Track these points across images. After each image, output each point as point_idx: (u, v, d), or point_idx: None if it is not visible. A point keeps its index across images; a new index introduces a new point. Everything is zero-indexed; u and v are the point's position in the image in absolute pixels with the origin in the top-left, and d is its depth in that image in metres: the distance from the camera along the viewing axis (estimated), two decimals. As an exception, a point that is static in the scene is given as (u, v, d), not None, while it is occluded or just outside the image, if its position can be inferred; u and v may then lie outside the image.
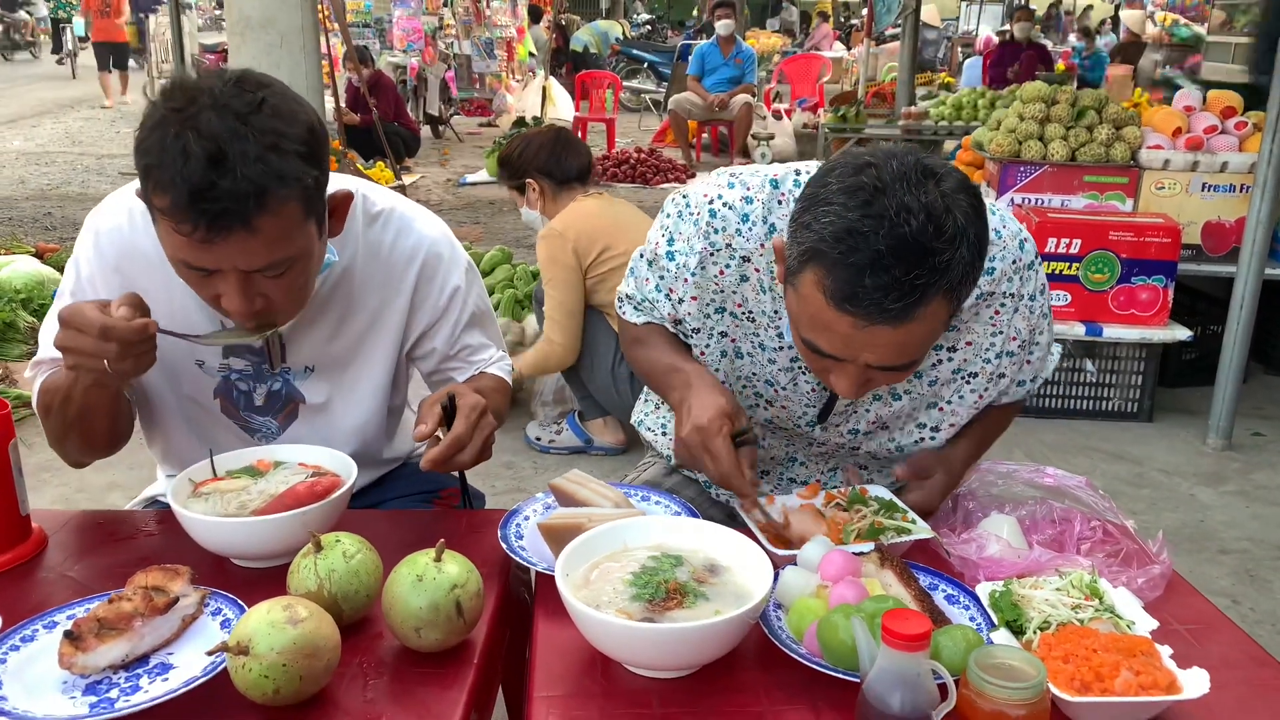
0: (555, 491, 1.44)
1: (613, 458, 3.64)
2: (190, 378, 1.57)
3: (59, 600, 1.25)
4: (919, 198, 1.14)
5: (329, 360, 1.58)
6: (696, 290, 1.50)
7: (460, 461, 1.40)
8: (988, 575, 1.30)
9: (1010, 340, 1.49)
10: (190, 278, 1.31)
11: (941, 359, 1.51)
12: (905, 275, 1.13)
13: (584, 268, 3.32)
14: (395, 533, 1.44)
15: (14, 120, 13.14)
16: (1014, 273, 1.44)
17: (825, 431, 1.60)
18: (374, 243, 1.56)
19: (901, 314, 1.16)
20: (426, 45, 10.85)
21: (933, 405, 1.56)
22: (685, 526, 1.30)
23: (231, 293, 1.28)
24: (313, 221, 1.31)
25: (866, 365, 1.25)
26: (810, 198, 1.22)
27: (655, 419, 1.87)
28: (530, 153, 3.46)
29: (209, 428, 1.61)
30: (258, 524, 1.31)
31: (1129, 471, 3.66)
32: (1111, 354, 4.04)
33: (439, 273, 1.60)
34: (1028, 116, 4.40)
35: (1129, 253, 3.88)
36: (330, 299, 1.54)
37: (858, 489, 1.48)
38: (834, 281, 1.17)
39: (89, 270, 1.51)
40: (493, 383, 1.68)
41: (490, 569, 1.34)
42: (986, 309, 1.46)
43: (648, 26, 22.58)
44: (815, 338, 1.25)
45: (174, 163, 1.17)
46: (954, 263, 1.15)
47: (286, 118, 1.24)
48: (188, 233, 1.20)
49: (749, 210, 1.45)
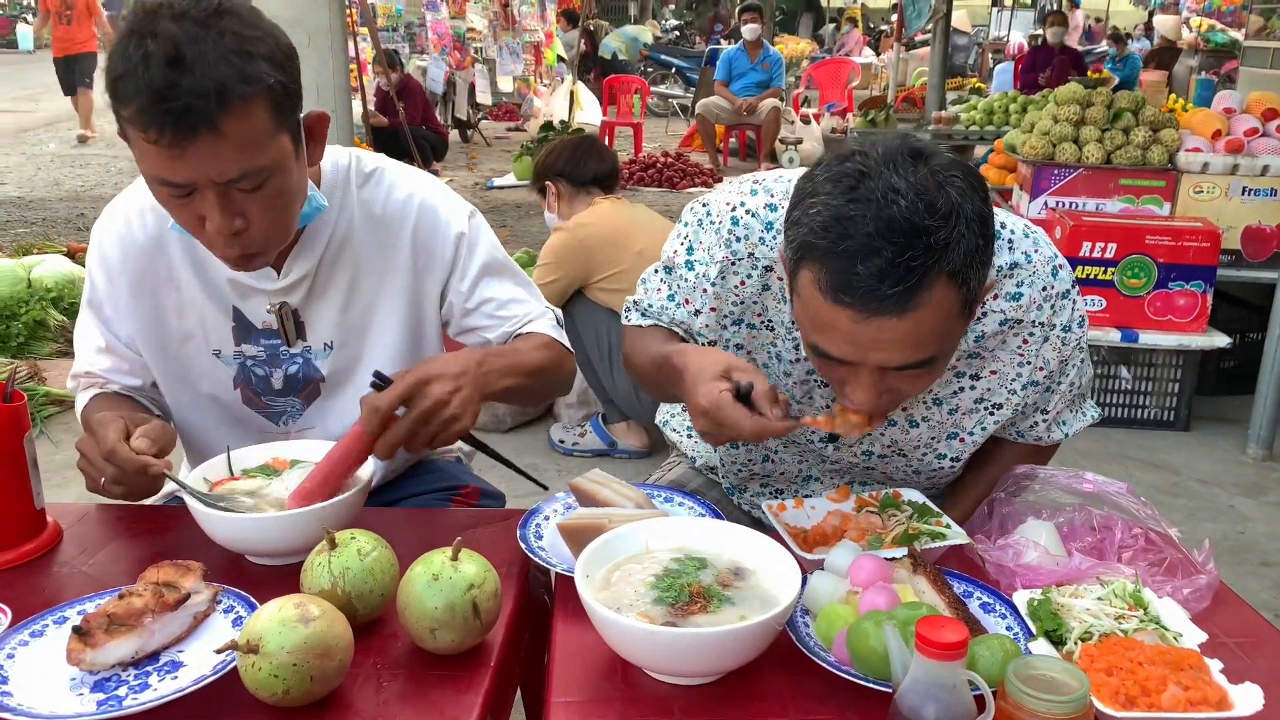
0: (576, 491, 1.41)
1: (636, 460, 3.61)
2: (209, 374, 1.56)
3: (71, 595, 1.23)
4: (906, 178, 1.09)
5: (346, 332, 1.56)
6: (715, 301, 1.44)
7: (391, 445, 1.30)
8: (1025, 583, 1.25)
9: (1038, 371, 1.42)
10: (170, 201, 1.29)
11: (964, 386, 1.44)
12: (899, 257, 1.07)
13: (592, 265, 3.31)
14: (412, 530, 1.41)
15: (52, 122, 13.34)
16: (1044, 300, 1.37)
17: (838, 450, 1.54)
18: (368, 202, 1.53)
19: (901, 300, 1.08)
20: (454, 49, 10.89)
21: (953, 436, 1.50)
22: (709, 528, 1.26)
23: (211, 210, 1.26)
24: (285, 134, 1.29)
25: (881, 370, 1.17)
26: (799, 193, 1.17)
27: (681, 420, 1.83)
28: (553, 157, 3.52)
29: (233, 422, 1.59)
30: (272, 520, 1.29)
31: (1166, 481, 3.57)
32: (1148, 361, 3.94)
33: (438, 224, 1.55)
34: (1062, 119, 4.32)
35: (1166, 257, 3.79)
36: (336, 267, 1.52)
37: (890, 493, 1.43)
38: (827, 274, 1.11)
39: (103, 283, 1.54)
40: (537, 340, 1.56)
41: (509, 569, 1.30)
42: (1014, 337, 1.39)
43: (675, 32, 22.58)
44: (820, 340, 1.18)
45: (136, 70, 1.17)
46: (953, 242, 1.08)
47: (249, 23, 1.24)
48: (155, 139, 1.19)
49: (773, 218, 1.39)
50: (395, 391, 1.30)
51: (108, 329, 1.56)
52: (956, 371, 1.43)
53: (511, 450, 3.66)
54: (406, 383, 1.30)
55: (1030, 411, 1.51)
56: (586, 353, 3.47)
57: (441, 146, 9.84)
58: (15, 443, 1.32)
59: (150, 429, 1.31)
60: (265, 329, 1.53)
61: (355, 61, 8.37)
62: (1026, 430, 1.54)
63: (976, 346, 1.40)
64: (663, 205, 7.98)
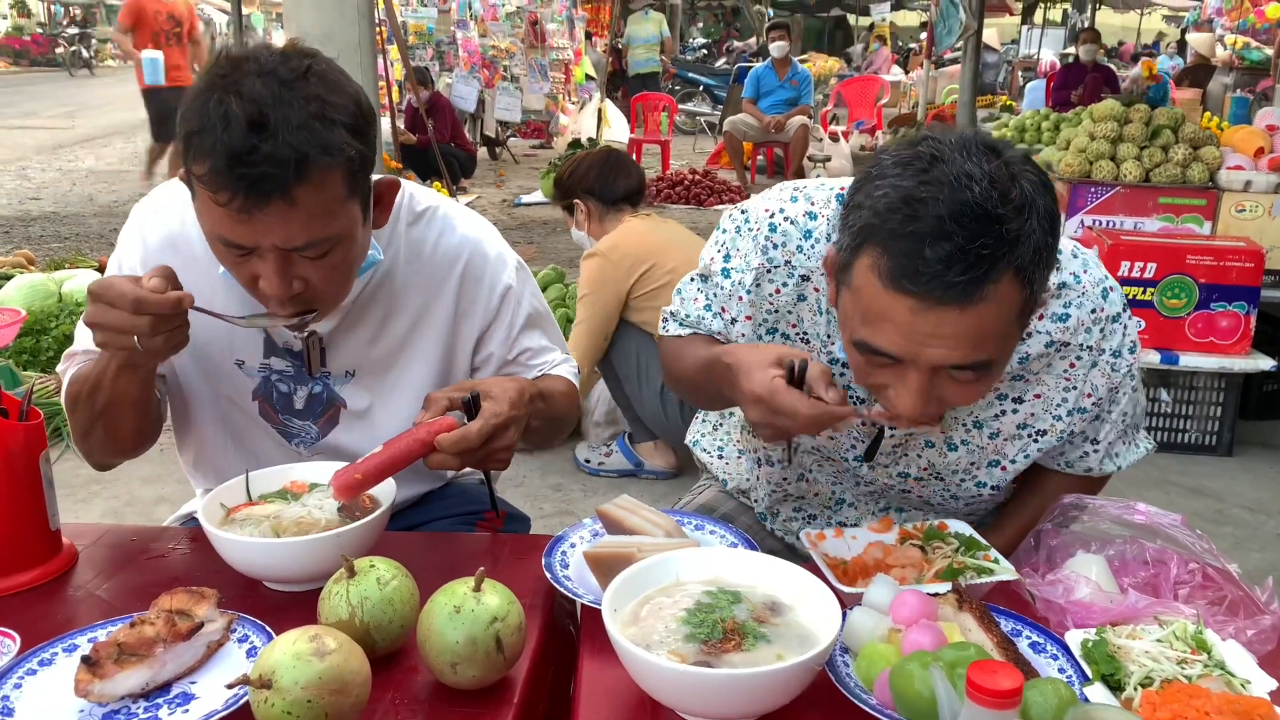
0: (603, 518, 1.36)
1: (664, 481, 3.55)
2: (229, 377, 1.52)
3: (83, 620, 1.20)
4: (980, 165, 1.05)
5: (370, 365, 1.52)
6: (751, 310, 1.41)
7: (451, 465, 1.31)
8: (1077, 621, 1.18)
9: (1085, 398, 1.36)
10: (227, 257, 1.26)
11: (1006, 409, 1.38)
12: (970, 244, 1.02)
13: (628, 287, 3.26)
14: (434, 557, 1.37)
15: (88, 139, 13.55)
16: (1093, 323, 1.32)
17: (873, 470, 1.48)
18: (417, 241, 1.50)
19: (967, 290, 1.03)
20: (484, 67, 10.95)
21: (994, 464, 1.44)
22: (744, 559, 1.20)
23: (269, 273, 1.23)
24: (356, 202, 1.26)
25: (933, 371, 1.11)
26: (862, 180, 1.13)
27: (712, 440, 1.78)
28: (580, 173, 3.42)
29: (245, 431, 1.56)
30: (290, 545, 1.24)
31: (1209, 508, 3.46)
32: (1188, 384, 3.84)
33: (486, 273, 1.53)
34: (1099, 136, 4.24)
35: (1208, 277, 3.70)
36: (372, 301, 1.48)
37: (935, 524, 1.37)
38: (891, 258, 1.06)
39: (131, 260, 1.48)
40: (560, 385, 1.59)
41: (533, 599, 1.25)
42: (1060, 360, 1.34)
43: (703, 51, 22.63)
44: (871, 335, 1.11)
45: (215, 127, 1.14)
46: (1024, 236, 1.04)
47: (333, 87, 1.20)
48: (225, 202, 1.15)
49: (812, 227, 1.36)
50: (486, 431, 1.29)
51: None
52: (999, 394, 1.37)
53: (537, 470, 3.62)
54: (495, 423, 1.30)
55: (1079, 441, 1.44)
56: (616, 371, 3.42)
57: (470, 164, 9.88)
58: (31, 462, 1.29)
59: (157, 270, 1.20)
60: (286, 348, 1.50)
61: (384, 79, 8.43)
62: (1076, 461, 1.48)
63: (1021, 368, 1.34)
64: (690, 222, 7.94)
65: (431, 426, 1.29)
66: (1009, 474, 1.44)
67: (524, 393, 1.37)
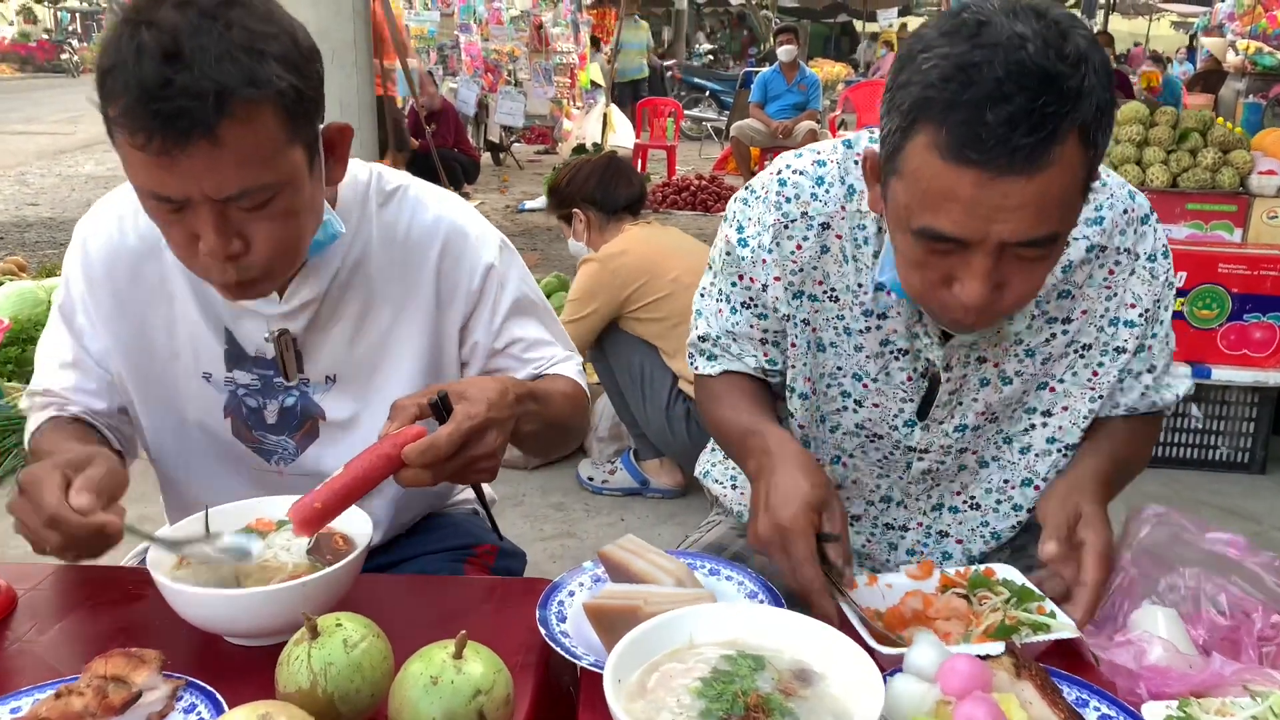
0: (605, 561, 1.20)
1: (670, 501, 3.39)
2: (197, 396, 1.38)
3: (12, 682, 1.05)
4: (1030, 25, 1.01)
5: (353, 367, 1.38)
6: (778, 270, 1.34)
7: (424, 480, 1.14)
8: (1152, 690, 1.02)
9: (1129, 308, 1.33)
10: (161, 216, 1.13)
11: (1055, 333, 1.33)
12: (1032, 103, 0.98)
13: (623, 298, 3.11)
14: (415, 605, 1.22)
15: (89, 145, 13.45)
16: (1126, 224, 1.30)
17: (927, 432, 1.37)
18: (389, 224, 1.36)
19: (1034, 154, 0.99)
20: (488, 72, 10.83)
21: (1042, 386, 1.37)
22: (766, 616, 1.05)
23: (205, 229, 1.10)
24: (298, 147, 1.14)
25: (999, 250, 1.05)
26: (904, 58, 1.07)
27: (724, 470, 1.62)
28: (579, 181, 3.26)
29: (220, 455, 1.42)
30: (249, 598, 1.09)
31: (1245, 530, 3.28)
32: (1220, 398, 3.68)
33: (466, 252, 1.39)
34: (1124, 139, 4.08)
35: (1241, 287, 3.54)
36: (347, 292, 1.35)
37: (981, 570, 1.21)
38: (950, 129, 1.01)
39: (81, 287, 1.36)
40: (562, 386, 1.41)
41: (525, 657, 1.10)
42: (1100, 269, 1.31)
43: (710, 56, 22.52)
44: (934, 219, 1.05)
45: (126, 62, 1.03)
46: (1084, 92, 1.00)
47: (263, 17, 1.09)
48: (142, 144, 1.05)
49: (823, 173, 1.32)
50: (458, 436, 1.13)
51: (78, 341, 1.39)
52: (1048, 317, 1.32)
53: (537, 488, 3.46)
54: (469, 426, 1.13)
55: (1133, 377, 1.37)
56: (619, 385, 3.27)
57: (473, 169, 9.76)
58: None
59: (92, 478, 1.09)
60: (258, 357, 1.36)
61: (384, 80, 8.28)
62: (1136, 402, 1.39)
63: (1064, 280, 1.29)
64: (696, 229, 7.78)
65: (395, 438, 1.13)
66: (1058, 396, 1.36)
67: (506, 392, 1.20)
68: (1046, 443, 1.39)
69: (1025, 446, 1.40)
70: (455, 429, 1.13)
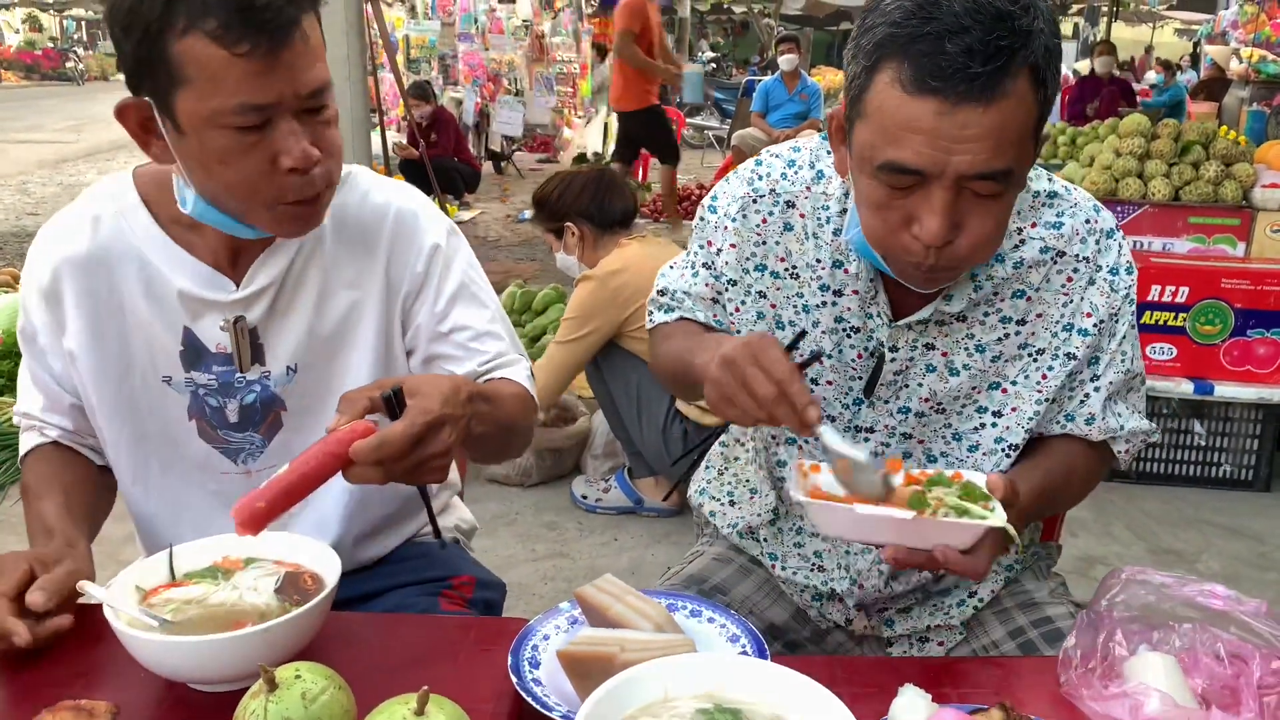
0: (583, 603, 1.16)
1: (665, 520, 3.35)
2: (160, 406, 1.37)
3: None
4: None
5: (313, 355, 1.37)
6: (736, 239, 1.39)
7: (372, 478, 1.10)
8: (1148, 746, 0.98)
9: (1084, 316, 1.34)
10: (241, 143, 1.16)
11: (1009, 332, 1.35)
12: (988, 35, 1.06)
13: (622, 319, 3.08)
14: (384, 646, 1.18)
15: (92, 154, 13.48)
16: (1087, 233, 1.33)
17: (873, 409, 1.38)
18: (340, 206, 1.36)
19: (989, 83, 1.06)
20: (489, 81, 10.82)
21: (995, 386, 1.37)
22: (745, 668, 1.00)
23: (293, 137, 1.16)
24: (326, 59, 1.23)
25: (957, 186, 1.11)
26: (868, 8, 1.16)
27: (720, 486, 1.58)
28: (571, 195, 3.21)
29: (187, 465, 1.40)
30: (209, 644, 1.05)
31: (1249, 550, 3.24)
32: (1223, 415, 3.63)
33: (416, 230, 1.39)
34: (1125, 152, 4.04)
35: (1244, 302, 3.49)
36: (304, 279, 1.34)
37: (948, 474, 1.19)
38: (911, 61, 1.08)
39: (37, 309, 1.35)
40: (510, 388, 1.38)
41: (496, 706, 1.06)
42: (1058, 274, 1.33)
43: (713, 64, 22.52)
44: (896, 153, 1.11)
45: None
46: (1034, 32, 1.08)
47: None
48: (247, 50, 1.10)
49: (795, 157, 1.40)
50: (412, 433, 1.09)
51: (39, 363, 1.38)
52: (1002, 315, 1.33)
53: (530, 506, 3.42)
54: (423, 423, 1.10)
55: (1078, 384, 1.37)
56: (615, 402, 3.23)
57: (474, 179, 9.73)
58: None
59: (53, 579, 1.15)
60: (219, 352, 1.34)
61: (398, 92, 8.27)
62: (1077, 411, 1.37)
63: (1017, 278, 1.32)
64: (697, 239, 7.75)
65: (342, 435, 1.09)
66: (1008, 398, 1.37)
67: (459, 389, 1.16)
68: (994, 443, 1.39)
69: (974, 445, 1.39)
70: (409, 426, 1.09)
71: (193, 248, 1.31)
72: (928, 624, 1.46)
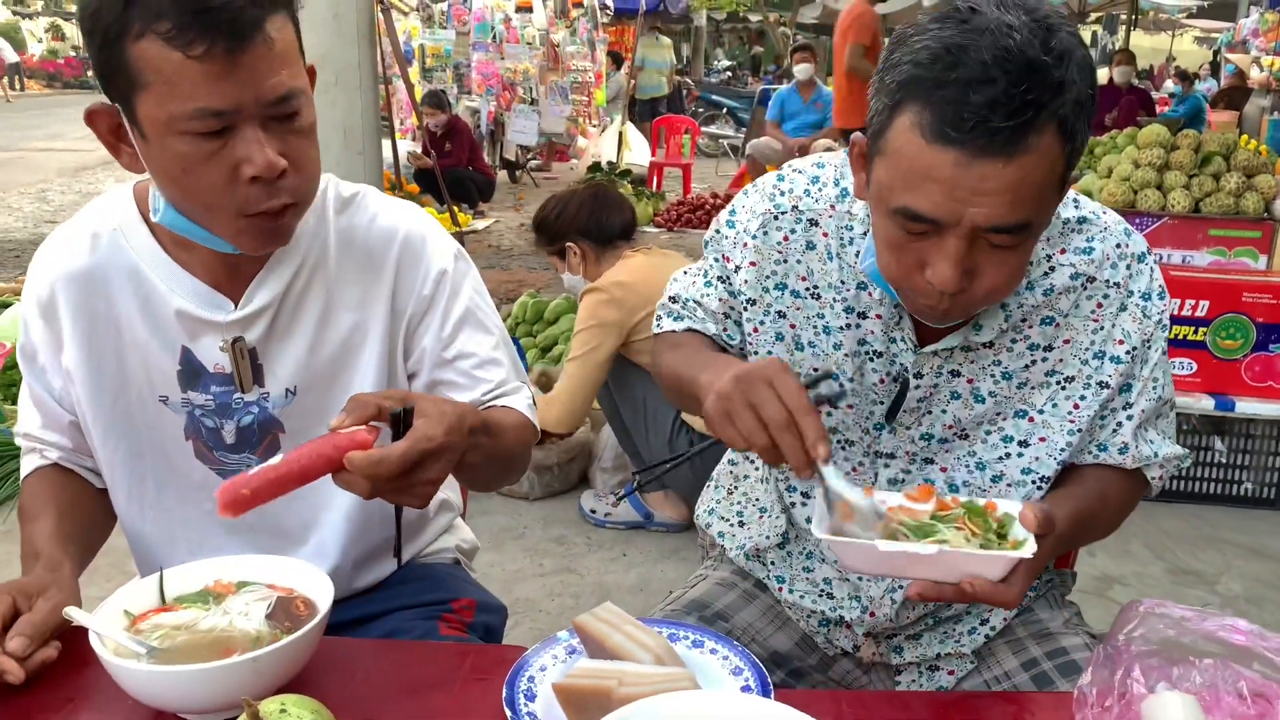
0: (581, 633, 1.13)
1: (674, 535, 3.31)
2: (156, 425, 1.35)
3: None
4: (1018, 16, 1.04)
5: (312, 377, 1.34)
6: (756, 256, 1.35)
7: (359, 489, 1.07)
8: (1168, 791, 0.94)
9: (1116, 344, 1.29)
10: (200, 150, 1.12)
11: (1035, 359, 1.30)
12: (1014, 88, 1.00)
13: (630, 326, 3.05)
14: (378, 674, 1.15)
15: (111, 161, 13.57)
16: (1118, 258, 1.28)
17: (894, 435, 1.34)
18: (347, 228, 1.34)
19: (1012, 138, 1.02)
20: (503, 90, 10.83)
21: (1021, 415, 1.33)
22: (745, 705, 0.97)
23: (255, 146, 1.12)
24: (302, 65, 1.18)
25: (972, 235, 1.07)
26: (896, 42, 1.11)
27: (729, 506, 1.54)
28: (569, 215, 3.21)
29: (182, 485, 1.38)
30: (195, 674, 1.03)
31: (1271, 571, 3.17)
32: (1244, 431, 3.56)
33: (424, 254, 1.36)
34: (1144, 163, 3.99)
35: (1267, 316, 3.43)
36: (305, 299, 1.31)
37: (983, 503, 1.14)
38: (933, 109, 1.04)
39: (37, 326, 1.33)
40: (513, 418, 1.35)
41: (490, 741, 1.03)
42: (1087, 300, 1.29)
43: (728, 73, 22.51)
44: (912, 199, 1.08)
45: None
46: (1066, 84, 1.03)
47: None
48: (201, 54, 1.06)
49: (819, 173, 1.36)
50: (410, 457, 1.06)
51: (39, 381, 1.36)
52: (1030, 343, 1.29)
53: (539, 521, 3.39)
54: (423, 449, 1.07)
55: (1110, 413, 1.33)
56: (622, 415, 3.20)
57: (488, 188, 9.73)
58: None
59: (33, 623, 1.11)
60: (217, 372, 1.32)
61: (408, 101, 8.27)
62: (1109, 440, 1.33)
63: (1047, 305, 1.28)
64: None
65: (340, 441, 1.06)
66: (1035, 427, 1.32)
67: (464, 419, 1.13)
68: (1021, 474, 1.34)
69: (998, 475, 1.35)
70: (410, 448, 1.06)
71: (190, 266, 1.29)
72: (938, 652, 1.42)
